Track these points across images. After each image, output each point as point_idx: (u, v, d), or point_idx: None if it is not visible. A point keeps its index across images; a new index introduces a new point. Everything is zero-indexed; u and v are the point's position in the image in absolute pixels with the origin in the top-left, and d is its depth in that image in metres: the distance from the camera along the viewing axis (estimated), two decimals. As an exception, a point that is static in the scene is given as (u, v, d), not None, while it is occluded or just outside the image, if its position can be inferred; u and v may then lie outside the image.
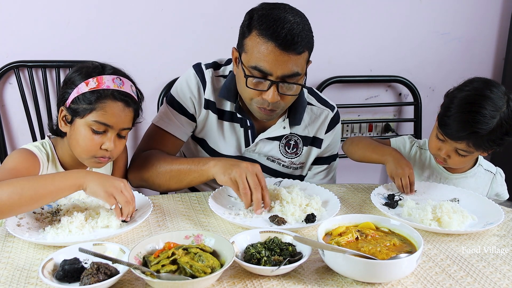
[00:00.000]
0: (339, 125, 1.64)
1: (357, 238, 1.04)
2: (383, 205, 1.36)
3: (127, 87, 1.33)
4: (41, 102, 2.06)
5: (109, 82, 1.30)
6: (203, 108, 1.52)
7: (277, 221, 1.23)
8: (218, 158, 1.39)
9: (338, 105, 1.65)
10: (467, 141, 1.40)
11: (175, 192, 1.55)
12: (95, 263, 0.91)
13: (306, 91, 1.57)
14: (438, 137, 1.48)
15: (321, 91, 2.33)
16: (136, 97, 1.37)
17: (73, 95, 1.30)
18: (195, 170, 1.37)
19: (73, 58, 2.03)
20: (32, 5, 1.95)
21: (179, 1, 2.11)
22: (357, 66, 2.46)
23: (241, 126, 1.54)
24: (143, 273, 0.89)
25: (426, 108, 2.53)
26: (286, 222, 1.23)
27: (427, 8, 2.46)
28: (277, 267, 0.95)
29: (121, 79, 1.33)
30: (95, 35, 2.05)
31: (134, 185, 1.47)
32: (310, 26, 1.33)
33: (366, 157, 1.62)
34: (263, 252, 1.00)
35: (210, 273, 0.90)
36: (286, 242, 1.05)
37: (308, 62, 1.37)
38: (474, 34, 2.58)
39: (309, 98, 1.58)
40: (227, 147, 1.55)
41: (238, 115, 1.50)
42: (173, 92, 1.54)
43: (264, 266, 0.97)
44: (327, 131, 1.60)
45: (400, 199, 1.40)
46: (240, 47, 1.35)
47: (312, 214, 1.24)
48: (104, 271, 0.90)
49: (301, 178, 1.62)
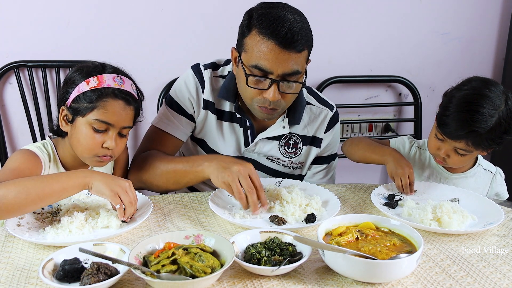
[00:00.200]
0: (339, 124, 1.65)
1: (357, 238, 1.04)
2: (383, 205, 1.36)
3: (128, 86, 1.34)
4: (41, 102, 2.06)
5: (109, 80, 1.30)
6: (202, 108, 1.52)
7: (277, 221, 1.23)
8: (211, 157, 1.37)
9: (338, 105, 1.65)
10: (466, 140, 1.40)
11: (175, 192, 1.55)
12: (95, 263, 0.91)
13: (305, 91, 1.57)
14: (437, 136, 1.48)
15: (321, 91, 2.33)
16: (136, 95, 1.37)
17: (73, 94, 1.30)
18: (190, 171, 1.37)
19: (73, 58, 2.03)
20: (32, 5, 1.95)
21: (179, 1, 2.11)
22: (357, 66, 2.46)
23: (240, 126, 1.54)
24: (143, 273, 0.89)
25: (426, 108, 2.53)
26: (286, 222, 1.23)
27: (427, 8, 2.46)
28: (277, 267, 0.95)
29: (121, 78, 1.33)
30: (95, 35, 2.05)
31: (135, 187, 1.46)
32: (309, 25, 1.33)
33: (366, 158, 1.62)
34: (263, 252, 1.00)
35: (210, 273, 0.90)
36: (286, 242, 1.05)
37: (307, 61, 1.37)
38: (474, 34, 2.58)
39: (308, 97, 1.58)
40: (227, 147, 1.55)
41: (238, 115, 1.50)
42: (171, 93, 1.55)
43: (264, 266, 0.97)
44: (327, 131, 1.60)
45: (400, 199, 1.40)
46: (239, 47, 1.35)
47: (312, 214, 1.24)
48: (104, 271, 0.90)
49: (300, 177, 1.62)
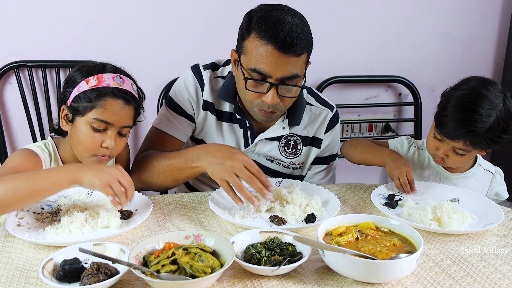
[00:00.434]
0: (339, 125, 1.64)
1: (357, 238, 1.04)
2: (383, 205, 1.36)
3: (128, 85, 1.34)
4: (41, 102, 2.06)
5: (109, 80, 1.30)
6: (201, 109, 1.52)
7: (277, 221, 1.23)
8: (203, 148, 1.35)
9: (338, 105, 1.65)
10: (464, 139, 1.40)
11: (175, 192, 1.55)
12: (95, 263, 0.91)
13: (305, 91, 1.57)
14: (435, 136, 1.48)
15: (321, 91, 2.33)
16: (136, 95, 1.37)
17: (74, 94, 1.30)
18: (185, 168, 1.36)
19: (73, 58, 2.03)
20: (32, 5, 1.95)
21: (179, 1, 2.11)
22: (357, 66, 2.46)
23: (240, 127, 1.54)
24: (143, 273, 0.89)
25: (426, 108, 2.52)
26: (286, 222, 1.23)
27: (427, 8, 2.46)
28: (277, 267, 0.95)
29: (121, 77, 1.33)
30: (95, 35, 2.05)
31: (137, 188, 1.44)
32: (309, 28, 1.32)
33: (365, 160, 1.62)
34: (263, 252, 1.00)
35: (210, 273, 0.90)
36: (286, 242, 1.05)
37: (307, 64, 1.37)
38: (474, 34, 2.58)
39: (308, 98, 1.58)
40: None
41: (237, 116, 1.50)
42: (171, 94, 1.54)
43: (264, 266, 0.97)
44: (327, 131, 1.60)
45: (400, 199, 1.40)
46: (239, 49, 1.35)
47: (312, 214, 1.24)
48: (104, 271, 0.90)
49: (300, 178, 1.62)
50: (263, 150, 1.56)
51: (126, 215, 1.23)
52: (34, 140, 2.06)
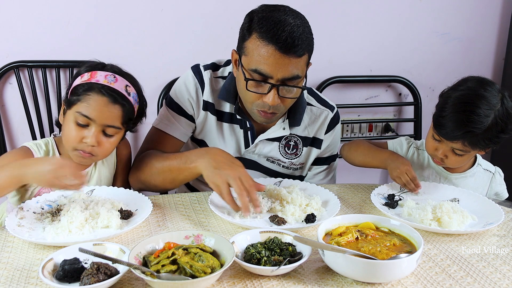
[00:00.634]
0: (339, 125, 1.64)
1: (357, 238, 1.04)
2: (383, 205, 1.36)
3: (119, 85, 1.32)
4: (41, 102, 2.06)
5: (101, 77, 1.31)
6: (202, 109, 1.52)
7: (277, 221, 1.23)
8: (203, 152, 1.35)
9: (338, 105, 1.65)
10: (463, 140, 1.40)
11: (175, 192, 1.55)
12: (95, 263, 0.91)
13: (305, 92, 1.57)
14: (434, 137, 1.48)
15: (321, 91, 2.33)
16: (130, 97, 1.33)
17: (71, 88, 1.32)
18: (184, 168, 1.36)
19: (73, 58, 2.03)
20: (32, 5, 1.95)
21: (179, 1, 2.11)
22: (357, 66, 2.46)
23: (240, 128, 1.54)
24: (143, 273, 0.89)
25: (426, 108, 2.52)
26: (286, 222, 1.23)
27: (427, 8, 2.46)
28: (277, 267, 0.95)
29: (115, 77, 1.32)
30: (95, 35, 2.05)
31: (136, 188, 1.45)
32: (310, 28, 1.32)
33: (366, 163, 1.62)
34: (263, 252, 1.00)
35: (210, 273, 0.90)
36: (286, 242, 1.05)
37: (308, 64, 1.37)
38: (474, 34, 2.58)
39: (308, 98, 1.58)
40: (227, 149, 1.54)
41: (238, 117, 1.50)
42: (171, 94, 1.54)
43: (264, 266, 0.97)
44: (327, 132, 1.60)
45: (400, 199, 1.40)
46: (240, 50, 1.35)
47: (312, 214, 1.24)
48: (104, 271, 0.90)
49: (301, 178, 1.62)
50: (264, 150, 1.56)
51: (126, 215, 1.23)
52: (34, 140, 2.06)
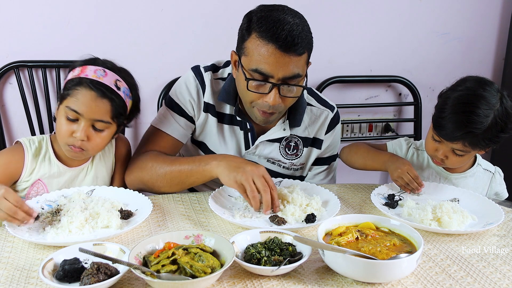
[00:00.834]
0: (339, 125, 1.64)
1: (357, 238, 1.05)
2: (383, 205, 1.36)
3: (109, 80, 1.31)
4: (41, 102, 2.06)
5: (90, 71, 1.31)
6: (203, 111, 1.51)
7: (277, 221, 1.23)
8: (220, 156, 1.38)
9: (338, 105, 1.65)
10: (463, 141, 1.40)
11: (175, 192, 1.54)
12: (95, 263, 0.92)
13: (305, 92, 1.57)
14: (434, 138, 1.48)
15: (321, 91, 2.33)
16: (120, 92, 1.32)
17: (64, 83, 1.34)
18: (197, 171, 1.36)
19: (73, 58, 2.01)
20: (32, 5, 1.95)
21: (179, 1, 2.11)
22: (357, 66, 2.46)
23: (241, 129, 1.53)
24: (143, 273, 0.89)
25: (426, 108, 2.52)
26: (286, 222, 1.23)
27: (427, 8, 2.46)
28: (277, 267, 0.95)
29: (104, 71, 1.32)
30: (95, 35, 2.05)
31: (132, 188, 1.43)
32: (309, 27, 1.32)
33: (367, 166, 1.62)
34: (263, 252, 1.00)
35: (210, 273, 0.91)
36: (286, 242, 1.05)
37: (308, 64, 1.37)
38: (474, 34, 2.58)
39: (308, 98, 1.58)
40: (227, 150, 1.54)
41: (238, 118, 1.50)
42: (172, 94, 1.53)
43: (264, 266, 0.97)
44: (327, 132, 1.60)
45: (400, 199, 1.40)
46: (239, 50, 1.35)
47: (312, 214, 1.24)
48: (104, 271, 0.90)
49: (301, 179, 1.61)
50: (264, 152, 1.55)
51: (126, 215, 1.23)
52: (33, 139, 2.07)
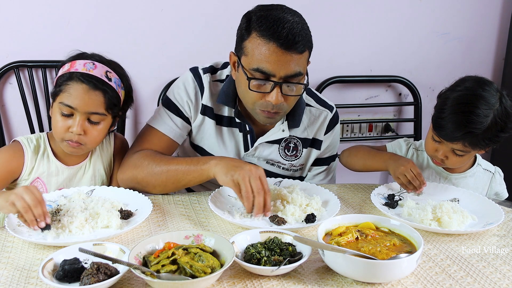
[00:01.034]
0: (338, 125, 1.64)
1: (357, 238, 1.05)
2: (383, 205, 1.36)
3: (99, 72, 1.31)
4: (41, 102, 2.06)
5: (79, 65, 1.31)
6: (200, 113, 1.50)
7: (277, 221, 1.23)
8: (219, 157, 1.38)
9: (338, 105, 1.65)
10: (463, 141, 1.40)
11: (175, 192, 1.54)
12: (95, 263, 0.92)
13: (304, 92, 1.56)
14: (434, 138, 1.48)
15: (321, 91, 2.33)
16: (112, 83, 1.32)
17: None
18: (195, 170, 1.35)
19: (73, 58, 2.03)
20: (32, 5, 1.95)
21: (179, 1, 2.11)
22: (357, 66, 2.46)
23: (239, 131, 1.53)
24: (143, 273, 0.89)
25: (426, 108, 2.52)
26: (286, 222, 1.23)
27: (427, 8, 2.46)
28: (277, 267, 0.95)
29: (94, 64, 1.32)
30: (95, 35, 2.05)
31: (125, 186, 1.41)
32: (308, 26, 1.32)
33: (367, 167, 1.61)
34: (263, 252, 1.00)
35: (210, 273, 0.91)
36: (286, 242, 1.05)
37: (307, 62, 1.36)
38: (474, 34, 2.58)
39: (307, 99, 1.57)
40: (226, 153, 1.53)
41: (237, 120, 1.49)
42: (169, 94, 1.52)
43: (264, 266, 0.97)
44: (326, 132, 1.60)
45: (400, 199, 1.40)
46: (238, 51, 1.34)
47: (312, 214, 1.24)
48: (104, 271, 0.91)
49: (300, 179, 1.61)
50: (263, 153, 1.55)
51: (126, 215, 1.23)
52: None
